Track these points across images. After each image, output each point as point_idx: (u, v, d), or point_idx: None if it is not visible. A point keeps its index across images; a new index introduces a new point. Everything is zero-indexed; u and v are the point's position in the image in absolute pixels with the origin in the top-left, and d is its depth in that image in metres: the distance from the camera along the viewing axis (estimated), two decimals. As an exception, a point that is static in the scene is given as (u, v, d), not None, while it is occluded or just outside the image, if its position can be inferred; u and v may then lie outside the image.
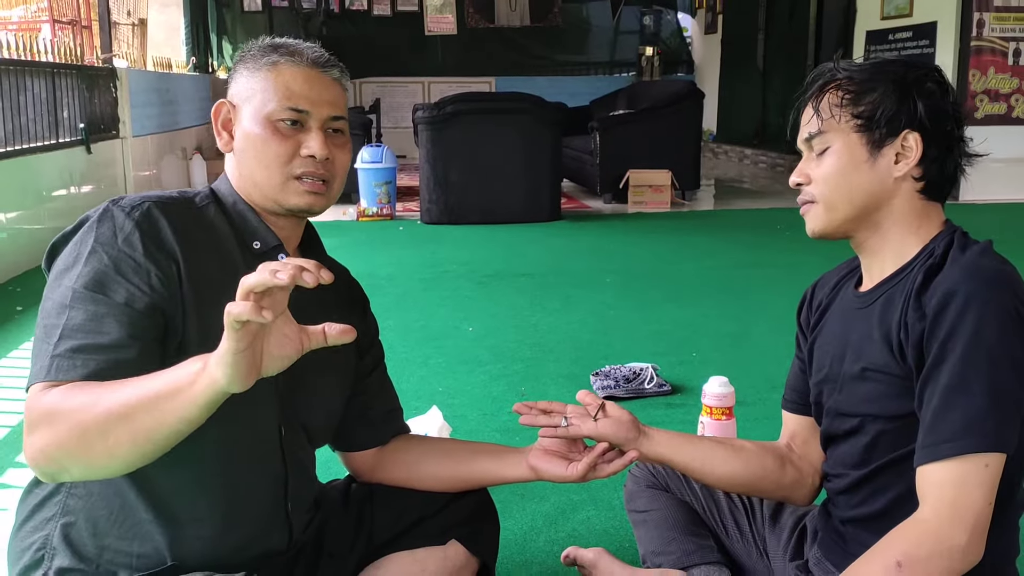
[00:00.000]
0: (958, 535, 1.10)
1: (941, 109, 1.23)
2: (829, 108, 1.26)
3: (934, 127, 1.23)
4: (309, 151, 1.26)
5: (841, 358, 1.31)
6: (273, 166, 1.26)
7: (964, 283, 1.14)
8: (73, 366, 1.09)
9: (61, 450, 1.06)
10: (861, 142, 1.24)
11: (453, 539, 1.44)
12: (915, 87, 1.23)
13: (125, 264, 1.14)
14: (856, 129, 1.24)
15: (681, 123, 7.49)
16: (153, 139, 7.42)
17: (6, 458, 2.51)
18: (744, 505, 1.62)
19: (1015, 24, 7.24)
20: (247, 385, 1.00)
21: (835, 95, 1.26)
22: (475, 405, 2.86)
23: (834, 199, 1.26)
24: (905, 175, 1.24)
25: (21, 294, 4.38)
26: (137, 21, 8.99)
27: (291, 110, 1.26)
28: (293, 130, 1.26)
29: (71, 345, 1.10)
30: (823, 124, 1.26)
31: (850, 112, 1.24)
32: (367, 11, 11.65)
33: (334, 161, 1.29)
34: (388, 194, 6.70)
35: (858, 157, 1.24)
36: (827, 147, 1.26)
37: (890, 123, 1.22)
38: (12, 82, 4.97)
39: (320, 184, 1.28)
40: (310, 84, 1.27)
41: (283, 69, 1.27)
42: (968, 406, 1.11)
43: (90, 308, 1.12)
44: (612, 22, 12.25)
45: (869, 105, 1.23)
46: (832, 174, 1.26)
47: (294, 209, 1.28)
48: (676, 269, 5.05)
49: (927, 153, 1.23)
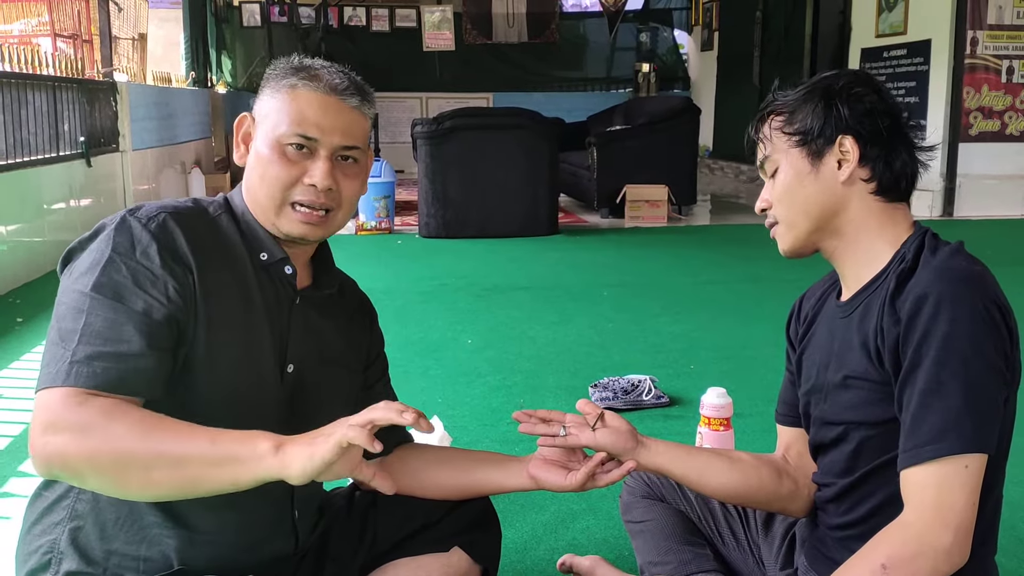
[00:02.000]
0: (942, 536, 1.12)
1: (869, 110, 1.28)
2: (770, 132, 1.34)
3: (866, 128, 1.28)
4: (311, 180, 1.26)
5: (826, 367, 1.34)
6: (274, 188, 1.27)
7: (935, 285, 1.16)
8: (93, 373, 1.10)
9: (89, 464, 1.07)
10: (802, 156, 1.31)
11: (456, 546, 1.46)
12: (840, 95, 1.29)
13: (143, 276, 1.16)
14: (795, 145, 1.31)
15: (677, 139, 7.55)
16: (152, 153, 7.45)
17: (7, 467, 2.52)
18: (738, 513, 1.63)
19: (1008, 42, 7.30)
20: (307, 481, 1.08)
21: (774, 120, 1.34)
22: (474, 416, 2.88)
23: (791, 215, 1.33)
24: (852, 178, 1.29)
25: (21, 306, 4.39)
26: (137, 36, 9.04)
27: (299, 136, 1.26)
28: (300, 155, 1.26)
29: (90, 352, 1.11)
30: (768, 148, 1.34)
31: (787, 131, 1.32)
32: (366, 27, 11.76)
33: (340, 191, 1.29)
34: (387, 208, 6.73)
35: (802, 170, 1.31)
36: (776, 168, 1.34)
37: (823, 132, 1.29)
38: (13, 95, 5.00)
39: (319, 215, 1.28)
40: (324, 111, 1.27)
41: (300, 93, 1.27)
42: (945, 408, 1.13)
43: (109, 315, 1.13)
44: (609, 39, 12.33)
45: (802, 121, 1.31)
46: (783, 192, 1.33)
47: (288, 235, 1.29)
48: (673, 283, 5.08)
49: (867, 153, 1.28)
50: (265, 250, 1.30)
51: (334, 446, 1.04)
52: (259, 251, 1.30)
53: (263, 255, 1.29)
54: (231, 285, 1.24)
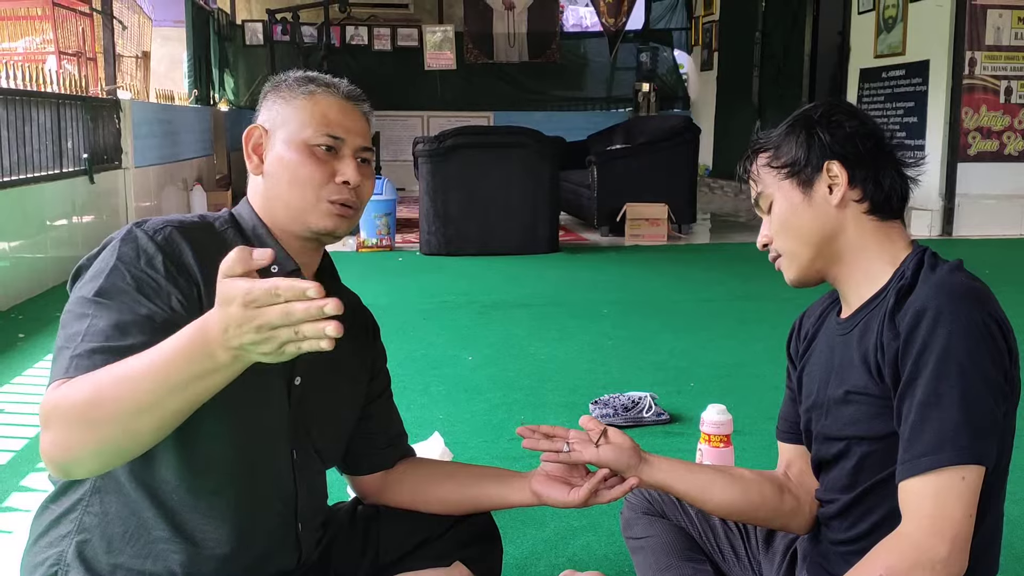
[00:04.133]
0: (938, 547, 1.13)
1: (850, 133, 1.32)
2: (758, 171, 1.39)
3: (849, 150, 1.32)
4: (344, 177, 1.31)
5: (826, 384, 1.36)
6: (307, 187, 1.30)
7: (934, 299, 1.18)
8: (93, 364, 1.10)
9: (70, 432, 1.05)
10: (793, 186, 1.34)
11: (457, 561, 1.47)
12: (820, 123, 1.33)
13: (147, 285, 1.17)
14: (785, 176, 1.35)
15: (677, 158, 7.57)
16: (155, 170, 7.48)
17: (10, 482, 2.52)
18: (739, 530, 1.64)
19: (1006, 63, 7.35)
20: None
21: (762, 157, 1.38)
22: (475, 433, 2.89)
23: (791, 246, 1.35)
24: (844, 201, 1.32)
25: (24, 321, 4.40)
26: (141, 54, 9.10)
27: (328, 136, 1.31)
28: (328, 156, 1.31)
29: (91, 346, 1.12)
30: (760, 185, 1.38)
31: (775, 165, 1.36)
32: (367, 46, 11.83)
33: (363, 189, 1.34)
34: (388, 225, 6.75)
35: (795, 199, 1.34)
36: (770, 202, 1.37)
37: (809, 160, 1.33)
38: (18, 112, 5.03)
39: (348, 209, 1.33)
40: (344, 114, 1.34)
41: (320, 99, 1.33)
42: (942, 420, 1.14)
43: (113, 316, 1.14)
44: (609, 58, 12.39)
45: (787, 153, 1.35)
46: (781, 224, 1.36)
47: (321, 231, 1.32)
48: (673, 301, 5.09)
49: (855, 175, 1.31)
50: (276, 262, 1.31)
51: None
52: (270, 264, 1.30)
53: (274, 268, 1.31)
54: None
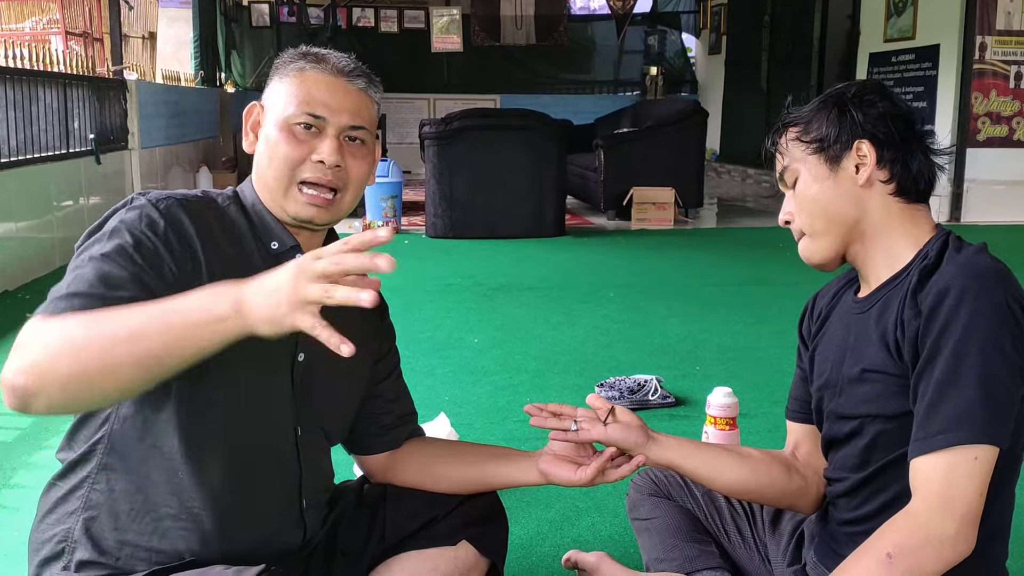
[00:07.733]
0: (947, 525, 1.13)
1: (883, 114, 1.31)
2: (787, 144, 1.37)
3: (880, 131, 1.30)
4: (318, 156, 1.26)
5: (840, 362, 1.35)
6: (281, 168, 1.27)
7: (958, 279, 1.18)
8: (72, 306, 1.09)
9: (48, 355, 1.04)
10: (820, 162, 1.33)
11: (464, 540, 1.46)
12: (852, 101, 1.32)
13: (145, 247, 1.17)
14: (813, 152, 1.34)
15: (685, 142, 7.54)
16: (161, 151, 7.48)
17: (17, 459, 2.53)
18: (745, 511, 1.64)
19: (1017, 48, 7.30)
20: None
21: (790, 132, 1.37)
22: (481, 414, 2.89)
23: (815, 223, 1.34)
24: (870, 181, 1.31)
25: (30, 301, 4.41)
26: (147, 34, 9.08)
27: (308, 115, 1.27)
28: (308, 135, 1.28)
29: (75, 290, 1.12)
30: (786, 160, 1.37)
31: (804, 140, 1.35)
32: (374, 28, 11.79)
33: (348, 170, 1.29)
34: (394, 208, 6.74)
35: (821, 175, 1.33)
36: (796, 177, 1.36)
37: (839, 138, 1.32)
38: (24, 92, 5.03)
39: (325, 197, 1.28)
40: (332, 91, 1.29)
41: (308, 75, 1.30)
42: (959, 398, 1.14)
43: (103, 267, 1.14)
44: (617, 42, 12.33)
45: (817, 129, 1.34)
46: (805, 200, 1.35)
47: (298, 218, 1.29)
48: (679, 285, 5.09)
49: (883, 155, 1.30)
50: (276, 239, 1.30)
51: (299, 322, 1.00)
52: (270, 240, 1.30)
53: (274, 244, 1.30)
54: (238, 273, 1.24)
